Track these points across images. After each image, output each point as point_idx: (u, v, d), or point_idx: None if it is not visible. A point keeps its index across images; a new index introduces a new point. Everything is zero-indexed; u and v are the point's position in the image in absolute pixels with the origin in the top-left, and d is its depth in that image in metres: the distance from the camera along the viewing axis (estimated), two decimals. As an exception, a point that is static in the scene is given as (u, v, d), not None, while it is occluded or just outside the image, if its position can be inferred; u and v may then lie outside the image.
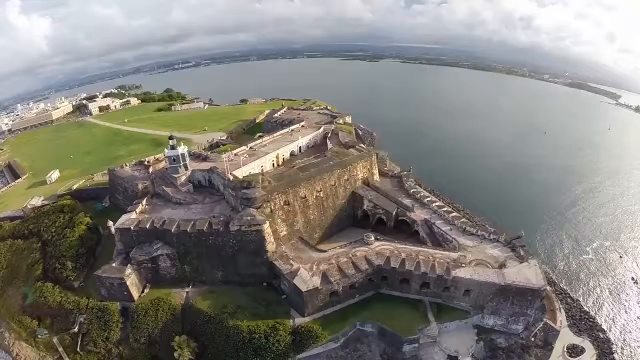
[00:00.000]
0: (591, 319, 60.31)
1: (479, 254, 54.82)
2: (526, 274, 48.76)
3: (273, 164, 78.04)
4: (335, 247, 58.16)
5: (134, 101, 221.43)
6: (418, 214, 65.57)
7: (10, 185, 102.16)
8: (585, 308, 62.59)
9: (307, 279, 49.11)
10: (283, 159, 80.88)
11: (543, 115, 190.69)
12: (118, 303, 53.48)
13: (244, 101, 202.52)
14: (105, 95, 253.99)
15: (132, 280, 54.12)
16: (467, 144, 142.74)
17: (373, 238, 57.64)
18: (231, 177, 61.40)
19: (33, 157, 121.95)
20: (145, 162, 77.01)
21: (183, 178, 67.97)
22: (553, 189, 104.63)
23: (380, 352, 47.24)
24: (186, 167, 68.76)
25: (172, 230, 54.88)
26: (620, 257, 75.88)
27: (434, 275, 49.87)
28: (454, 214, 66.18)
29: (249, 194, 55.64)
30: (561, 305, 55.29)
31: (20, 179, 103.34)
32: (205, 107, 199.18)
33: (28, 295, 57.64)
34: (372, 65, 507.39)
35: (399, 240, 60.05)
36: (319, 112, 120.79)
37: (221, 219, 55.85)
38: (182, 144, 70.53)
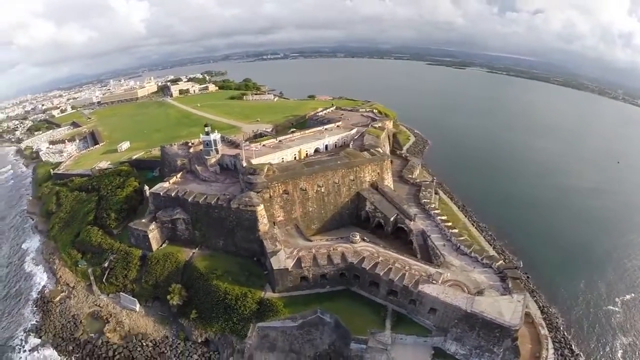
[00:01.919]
0: (585, 382, 52.27)
1: (460, 275, 52.92)
2: (501, 307, 45.12)
3: (295, 157, 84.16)
4: (322, 239, 62.46)
5: (212, 87, 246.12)
6: (417, 224, 65.53)
7: (89, 149, 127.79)
8: (584, 367, 54.35)
9: (282, 260, 54.68)
10: (306, 154, 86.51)
11: (623, 144, 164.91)
12: (140, 251, 66.13)
13: (311, 97, 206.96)
14: (188, 80, 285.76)
15: (154, 234, 66.27)
16: (526, 163, 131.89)
17: (358, 237, 60.07)
18: (245, 164, 69.66)
19: (113, 128, 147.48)
20: (189, 144, 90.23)
21: (213, 160, 78.87)
22: (597, 221, 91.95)
23: (330, 342, 49.90)
24: (217, 151, 79.50)
25: (189, 200, 65.37)
26: None
27: (400, 284, 50.41)
28: (454, 230, 64.33)
29: (251, 179, 63.15)
30: (553, 356, 49.17)
31: (98, 145, 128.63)
32: (275, 99, 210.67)
33: (79, 234, 73.97)
34: (457, 72, 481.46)
35: (393, 247, 61.02)
36: (362, 115, 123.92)
37: (227, 197, 64.47)
38: (215, 131, 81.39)
